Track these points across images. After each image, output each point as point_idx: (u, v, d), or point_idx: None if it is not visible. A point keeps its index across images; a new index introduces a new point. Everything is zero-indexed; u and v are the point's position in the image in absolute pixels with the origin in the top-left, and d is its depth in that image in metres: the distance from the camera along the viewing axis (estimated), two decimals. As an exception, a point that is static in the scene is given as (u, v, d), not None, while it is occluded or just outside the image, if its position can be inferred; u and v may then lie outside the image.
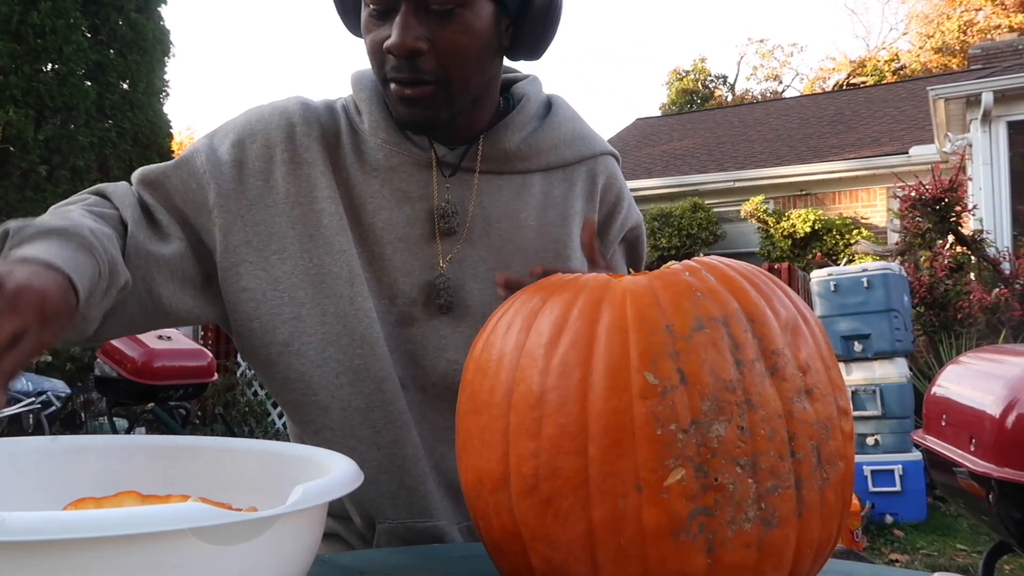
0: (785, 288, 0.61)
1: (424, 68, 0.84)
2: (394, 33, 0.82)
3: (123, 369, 5.13)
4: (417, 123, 0.89)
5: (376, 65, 0.87)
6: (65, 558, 0.40)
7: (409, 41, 0.82)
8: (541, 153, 0.97)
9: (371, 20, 0.85)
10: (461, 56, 0.85)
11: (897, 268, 4.73)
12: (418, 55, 0.83)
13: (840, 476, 0.56)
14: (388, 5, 0.83)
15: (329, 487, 0.52)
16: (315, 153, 0.92)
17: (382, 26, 0.84)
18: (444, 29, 0.83)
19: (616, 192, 1.03)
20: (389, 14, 0.83)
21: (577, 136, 1.00)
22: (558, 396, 0.55)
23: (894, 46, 25.94)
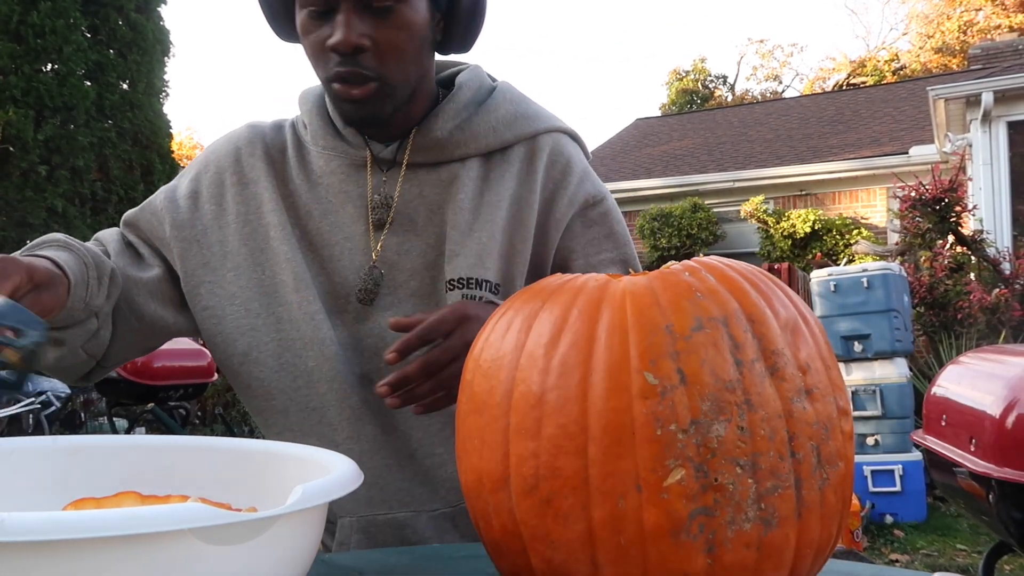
0: (785, 288, 0.61)
1: (366, 65, 0.86)
2: (338, 31, 0.84)
3: (123, 369, 5.13)
4: (363, 119, 0.92)
5: (320, 66, 0.89)
6: (65, 558, 0.40)
7: (353, 38, 0.84)
8: (479, 137, 0.97)
9: (310, 21, 0.87)
10: (400, 51, 0.88)
11: (897, 268, 4.73)
12: (361, 51, 0.85)
13: (840, 476, 0.56)
14: (328, 5, 0.85)
15: (329, 487, 0.52)
16: (259, 171, 0.98)
17: (322, 26, 0.86)
18: (384, 26, 0.85)
19: (561, 167, 1.00)
20: (329, 14, 0.85)
21: (518, 116, 1.00)
22: (558, 396, 0.55)
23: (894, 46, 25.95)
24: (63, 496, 0.63)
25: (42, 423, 5.41)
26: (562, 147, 1.02)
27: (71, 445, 0.68)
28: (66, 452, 0.67)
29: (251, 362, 0.95)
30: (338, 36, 0.84)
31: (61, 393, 5.67)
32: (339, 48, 0.84)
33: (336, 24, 0.85)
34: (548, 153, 1.00)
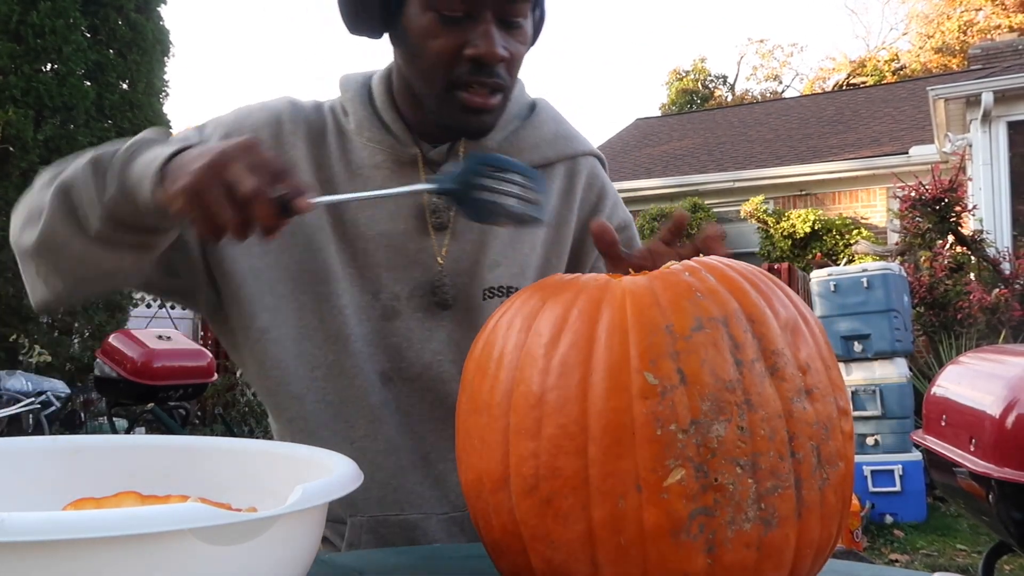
0: (785, 288, 0.61)
1: (501, 76, 0.86)
2: (486, 42, 0.83)
3: (123, 369, 5.14)
4: (481, 129, 0.91)
5: (441, 70, 0.86)
6: (65, 558, 0.40)
7: (501, 50, 0.84)
8: (522, 151, 0.98)
9: (438, 26, 0.84)
10: (520, 64, 0.89)
11: (897, 268, 4.73)
12: (502, 63, 0.85)
13: (840, 476, 0.56)
14: (467, 13, 0.83)
15: (329, 487, 0.52)
16: (299, 151, 0.94)
17: (455, 33, 0.84)
18: (513, 39, 0.86)
19: (598, 191, 1.05)
20: (464, 21, 0.83)
21: (559, 136, 1.02)
22: (558, 396, 0.55)
23: (894, 46, 25.95)
24: (63, 496, 0.63)
25: (42, 423, 5.41)
26: (597, 172, 1.06)
27: (71, 445, 0.68)
28: (66, 452, 0.67)
29: (270, 340, 0.92)
30: (486, 47, 0.83)
31: (61, 393, 5.67)
32: (486, 59, 0.83)
33: (480, 34, 0.83)
34: (586, 176, 1.03)
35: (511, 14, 0.84)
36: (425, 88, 0.89)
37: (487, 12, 0.83)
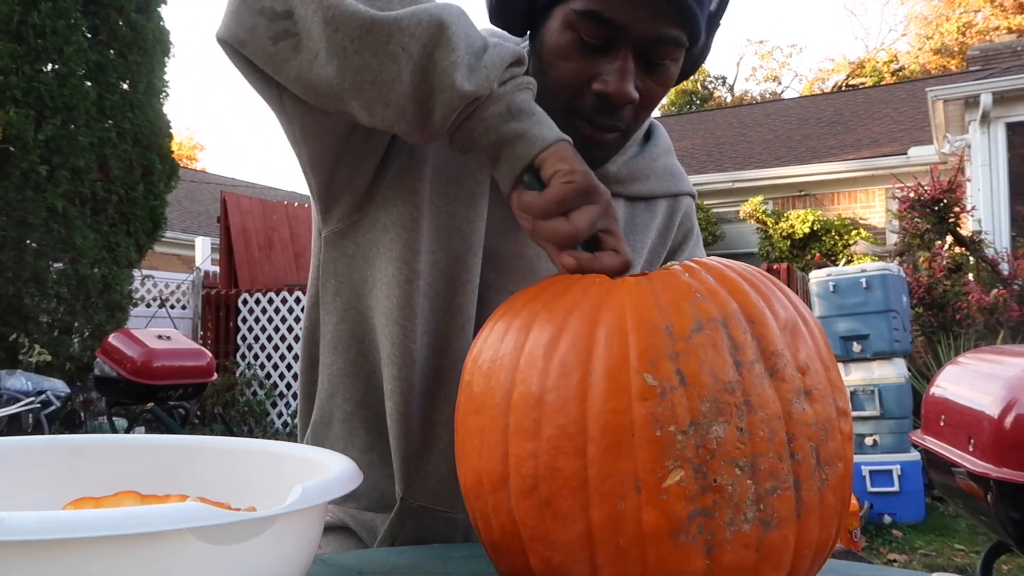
0: (784, 289, 0.61)
1: (624, 116, 0.82)
2: (616, 79, 0.77)
3: (122, 369, 5.13)
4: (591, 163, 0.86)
5: (565, 94, 0.81)
6: (64, 558, 0.40)
7: (631, 92, 0.78)
8: (634, 181, 0.96)
9: (576, 49, 0.78)
10: (652, 106, 0.84)
11: (896, 269, 4.73)
12: (631, 104, 0.80)
13: (839, 477, 0.56)
14: (606, 43, 0.77)
15: (328, 487, 0.52)
16: None
17: (589, 61, 0.79)
18: (652, 80, 0.81)
19: (686, 230, 1.05)
20: (602, 51, 0.78)
21: (668, 172, 1.00)
22: (557, 397, 0.55)
23: (893, 47, 25.97)
24: (62, 495, 0.63)
25: (42, 422, 5.41)
26: (691, 212, 1.06)
27: (70, 444, 0.68)
28: (65, 451, 0.67)
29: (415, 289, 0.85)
30: (616, 86, 0.78)
31: (60, 392, 5.67)
32: (613, 98, 0.78)
33: (613, 69, 0.77)
34: (683, 215, 1.03)
35: (655, 56, 0.78)
36: (546, 105, 0.80)
37: (628, 46, 0.77)
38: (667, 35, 0.77)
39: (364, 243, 0.89)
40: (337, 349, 0.92)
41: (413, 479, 0.89)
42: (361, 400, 0.92)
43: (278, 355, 7.51)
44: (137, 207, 6.92)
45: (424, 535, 0.91)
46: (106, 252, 6.70)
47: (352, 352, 0.92)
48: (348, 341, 0.92)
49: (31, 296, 6.20)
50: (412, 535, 0.91)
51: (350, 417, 0.93)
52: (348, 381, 0.93)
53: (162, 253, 10.73)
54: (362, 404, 0.93)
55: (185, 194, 15.21)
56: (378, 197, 0.87)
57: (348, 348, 0.92)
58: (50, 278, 6.33)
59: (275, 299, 7.55)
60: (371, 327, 0.90)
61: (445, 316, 0.87)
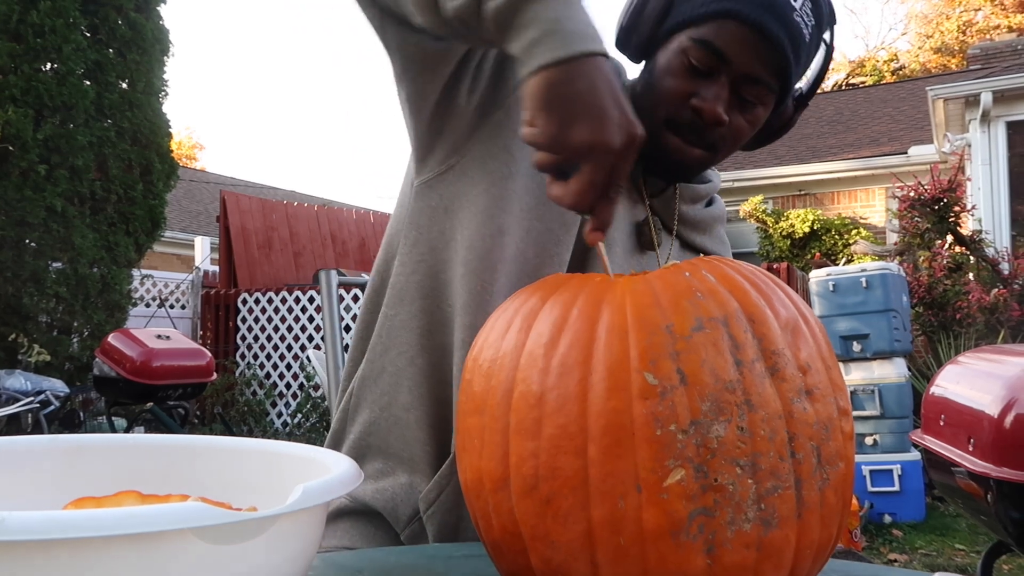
0: (785, 288, 0.61)
1: (711, 137, 0.91)
2: (711, 99, 0.88)
3: (122, 368, 5.13)
4: (668, 173, 0.97)
5: (665, 108, 0.91)
6: (65, 558, 0.40)
7: (722, 112, 0.89)
8: (695, 230, 1.05)
9: (683, 70, 0.90)
10: (738, 142, 0.94)
11: (896, 268, 4.73)
12: (719, 126, 0.90)
13: (840, 476, 0.56)
14: (710, 70, 0.88)
15: (329, 486, 0.52)
16: None
17: (691, 81, 0.89)
18: (742, 115, 0.91)
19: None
20: (705, 76, 0.89)
21: (719, 239, 1.10)
22: (558, 396, 0.55)
23: (893, 46, 25.98)
24: (63, 495, 0.62)
25: (41, 422, 5.41)
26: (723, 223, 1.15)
27: (70, 444, 0.68)
28: (65, 451, 0.67)
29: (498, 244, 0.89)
30: (710, 105, 0.88)
31: (60, 392, 5.67)
32: (706, 115, 0.88)
33: (711, 91, 0.88)
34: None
35: (747, 92, 0.90)
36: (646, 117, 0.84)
37: (727, 77, 0.89)
38: (762, 77, 0.89)
39: (449, 195, 0.94)
40: (403, 300, 0.96)
41: None
42: (413, 357, 0.95)
43: (278, 355, 7.51)
44: (136, 206, 6.91)
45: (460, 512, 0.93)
46: (105, 252, 6.69)
47: (415, 306, 0.95)
48: (414, 294, 0.95)
49: (30, 296, 6.19)
50: (455, 492, 0.92)
51: (399, 372, 0.96)
52: (406, 334, 0.96)
53: (161, 253, 10.73)
54: (412, 361, 0.95)
55: (184, 193, 15.20)
56: (471, 152, 0.92)
57: (412, 301, 0.95)
58: (49, 278, 6.33)
59: (275, 299, 7.55)
60: (442, 281, 0.94)
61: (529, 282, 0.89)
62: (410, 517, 0.95)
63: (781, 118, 0.99)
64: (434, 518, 0.93)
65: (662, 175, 1.00)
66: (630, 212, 0.99)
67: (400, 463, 0.97)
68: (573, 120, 0.66)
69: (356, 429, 1.00)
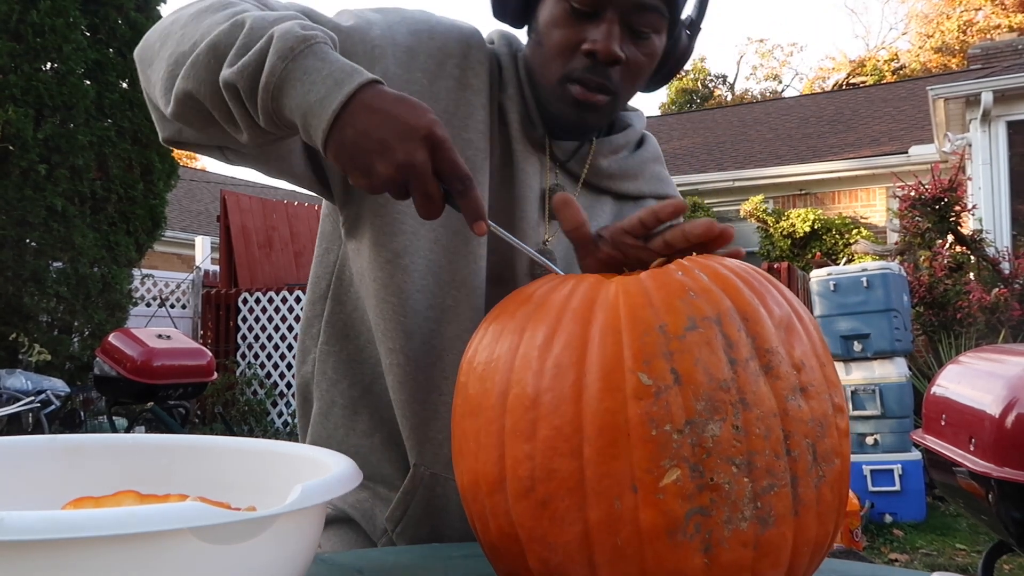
0: (779, 285, 0.61)
1: (612, 78, 0.87)
2: (603, 38, 0.84)
3: (122, 368, 5.13)
4: (578, 126, 0.93)
5: (559, 61, 0.88)
6: (64, 557, 0.40)
7: (616, 49, 0.85)
8: (624, 179, 1.02)
9: (567, 17, 0.86)
10: (639, 76, 0.90)
11: (897, 268, 4.73)
12: (615, 64, 0.86)
13: (836, 473, 0.56)
14: (594, 8, 0.85)
15: (328, 486, 0.52)
16: (481, 82, 0.92)
17: (579, 26, 0.86)
18: (637, 49, 0.88)
19: None
20: (591, 17, 0.85)
21: (655, 177, 1.06)
22: (552, 398, 0.55)
23: (894, 46, 25.96)
24: (62, 495, 0.63)
25: (41, 422, 5.41)
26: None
27: (70, 444, 0.68)
28: (65, 451, 0.67)
29: (398, 266, 0.88)
30: (603, 44, 0.84)
31: (60, 392, 5.67)
32: (600, 55, 0.85)
33: (600, 31, 0.85)
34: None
35: (638, 23, 0.86)
36: (543, 77, 0.90)
37: (614, 12, 0.85)
38: (649, 3, 0.85)
39: (354, 238, 0.94)
40: (348, 336, 0.97)
41: (425, 447, 0.92)
42: (367, 386, 0.96)
43: (278, 354, 7.51)
44: (137, 206, 6.92)
45: (435, 503, 0.93)
46: (105, 251, 6.70)
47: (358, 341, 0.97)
48: (358, 328, 0.97)
49: (31, 295, 6.20)
50: (423, 503, 0.93)
51: (354, 403, 0.96)
52: (355, 366, 0.97)
53: (162, 252, 10.73)
54: (368, 390, 0.96)
55: (185, 193, 15.20)
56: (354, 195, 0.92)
57: (356, 336, 0.97)
58: (50, 277, 6.33)
59: (275, 298, 7.55)
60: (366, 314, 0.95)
61: (451, 290, 0.90)
62: (385, 531, 0.96)
63: (677, 49, 0.95)
64: (404, 535, 0.94)
65: (572, 134, 0.96)
66: (539, 180, 0.95)
67: (376, 483, 0.98)
68: (368, 166, 0.67)
69: None
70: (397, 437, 0.95)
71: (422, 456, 0.92)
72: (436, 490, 0.93)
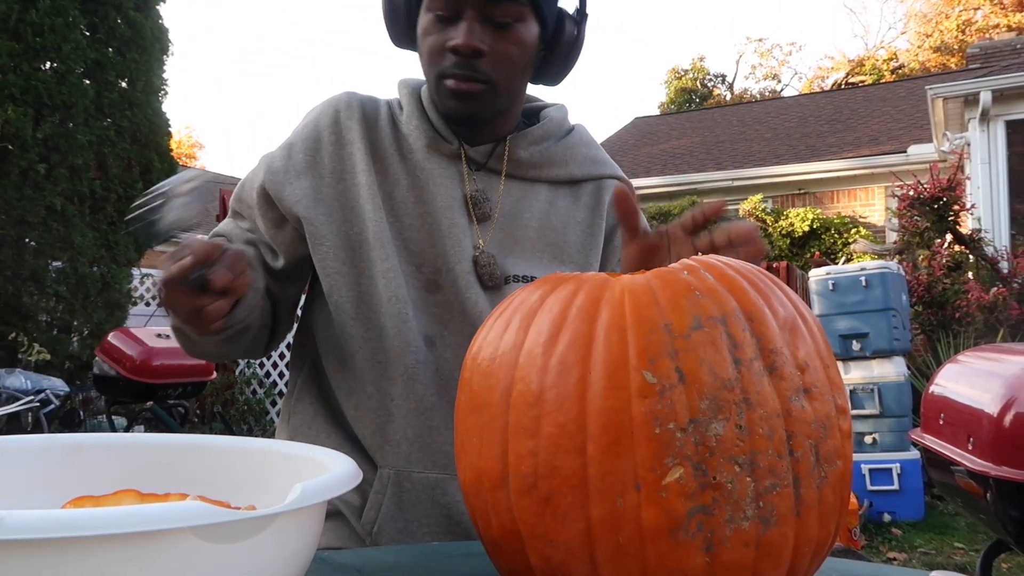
0: (784, 287, 0.61)
1: (480, 69, 0.97)
2: (461, 35, 0.95)
3: (122, 367, 5.13)
4: (464, 115, 1.01)
5: (434, 64, 0.99)
6: (64, 556, 0.40)
7: (475, 42, 0.95)
8: (553, 165, 1.10)
9: (434, 24, 0.98)
10: (510, 64, 0.99)
11: (895, 267, 4.73)
12: (479, 56, 0.96)
13: (838, 475, 0.56)
14: (454, 12, 0.96)
15: (328, 485, 0.52)
16: (355, 133, 1.05)
17: (444, 31, 0.97)
18: (501, 39, 0.97)
19: None
20: (452, 20, 0.96)
21: (588, 159, 1.13)
22: (557, 395, 0.55)
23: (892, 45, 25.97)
24: (62, 494, 0.63)
25: (41, 421, 5.41)
26: None
27: (70, 443, 0.68)
28: (65, 450, 0.67)
29: (333, 303, 1.02)
30: (460, 39, 0.95)
31: (60, 391, 5.66)
32: (459, 49, 0.95)
33: (459, 29, 0.95)
34: (611, 195, 1.12)
35: (495, 15, 0.95)
36: (428, 83, 1.02)
37: (472, 11, 0.95)
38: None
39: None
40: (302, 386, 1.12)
41: (384, 449, 1.01)
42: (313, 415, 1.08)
43: (277, 354, 7.50)
44: (136, 205, 6.90)
45: (404, 498, 1.00)
46: (105, 251, 6.69)
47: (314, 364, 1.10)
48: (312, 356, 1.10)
49: (30, 295, 6.19)
50: (395, 500, 1.00)
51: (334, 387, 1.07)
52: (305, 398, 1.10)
53: (161, 251, 10.71)
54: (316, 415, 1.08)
55: (184, 192, 15.16)
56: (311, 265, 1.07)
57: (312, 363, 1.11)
58: (49, 277, 6.32)
59: (274, 298, 7.54)
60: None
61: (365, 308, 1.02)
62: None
63: (563, 36, 1.03)
64: (382, 534, 1.00)
65: (478, 133, 1.06)
66: (460, 188, 1.05)
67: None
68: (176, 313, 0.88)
69: None
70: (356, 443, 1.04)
71: (383, 458, 1.01)
72: (404, 486, 1.00)
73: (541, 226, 1.08)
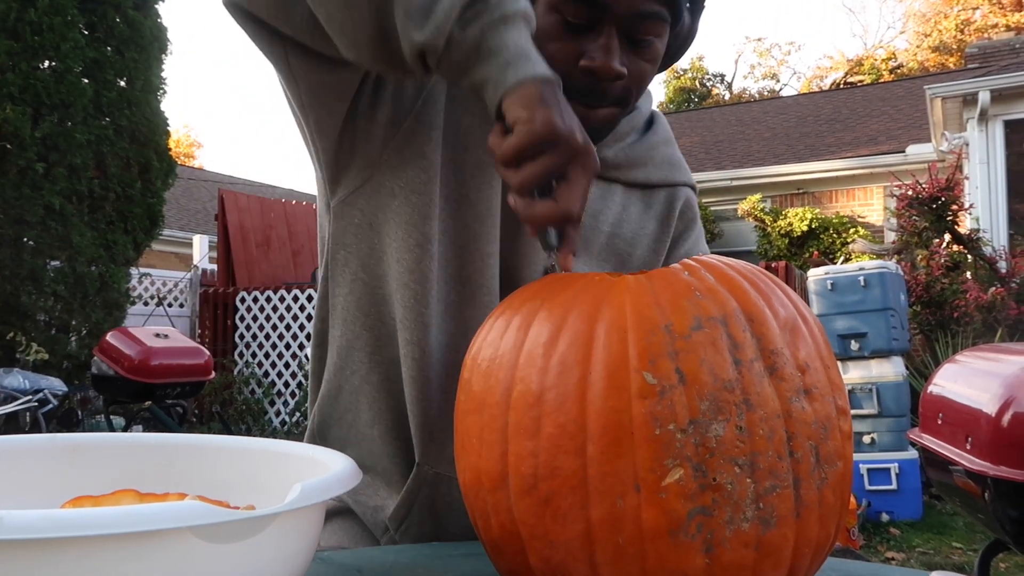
0: (784, 287, 0.61)
1: (612, 92, 0.83)
2: (602, 55, 0.80)
3: (120, 367, 5.12)
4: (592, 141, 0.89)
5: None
6: (63, 556, 0.40)
7: (618, 66, 0.81)
8: (632, 167, 0.99)
9: (561, 30, 0.81)
10: (643, 83, 0.86)
11: (894, 267, 4.73)
12: (619, 80, 0.82)
13: (839, 476, 0.56)
14: (590, 21, 0.80)
15: (327, 485, 0.52)
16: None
17: (573, 41, 0.81)
18: (639, 57, 0.83)
19: (687, 221, 1.06)
20: (586, 30, 0.81)
21: (667, 161, 1.03)
22: (557, 395, 0.55)
23: (891, 45, 26.00)
24: (61, 494, 0.62)
25: (39, 421, 5.40)
26: (692, 203, 1.08)
27: (69, 443, 0.68)
28: (64, 450, 0.67)
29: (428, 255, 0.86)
30: (602, 61, 0.80)
31: (58, 391, 5.66)
32: (600, 74, 0.80)
33: (598, 46, 0.80)
34: (682, 205, 1.05)
35: (639, 32, 0.82)
36: None
37: (611, 24, 0.80)
38: (648, 11, 0.80)
39: (370, 210, 0.89)
40: (346, 321, 0.93)
41: (430, 446, 0.90)
42: (366, 374, 0.92)
43: (276, 353, 7.50)
44: (134, 205, 6.90)
45: (438, 501, 0.91)
46: (103, 250, 6.68)
47: (358, 324, 0.92)
48: (355, 313, 0.92)
49: (28, 294, 6.19)
50: (427, 501, 0.91)
51: (356, 391, 0.94)
52: (355, 354, 0.93)
53: (159, 251, 10.71)
54: (366, 379, 0.93)
55: (183, 192, 15.18)
56: (386, 163, 0.87)
57: (355, 320, 0.92)
58: (47, 276, 6.32)
59: (273, 297, 7.55)
60: (379, 297, 0.90)
61: (457, 285, 0.88)
62: (387, 527, 0.94)
63: (680, 35, 0.89)
64: (408, 534, 0.92)
65: None
66: None
67: (375, 475, 0.96)
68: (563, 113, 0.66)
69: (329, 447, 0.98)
70: (397, 431, 0.93)
71: (426, 455, 0.90)
72: (440, 489, 0.91)
73: (612, 232, 0.98)
